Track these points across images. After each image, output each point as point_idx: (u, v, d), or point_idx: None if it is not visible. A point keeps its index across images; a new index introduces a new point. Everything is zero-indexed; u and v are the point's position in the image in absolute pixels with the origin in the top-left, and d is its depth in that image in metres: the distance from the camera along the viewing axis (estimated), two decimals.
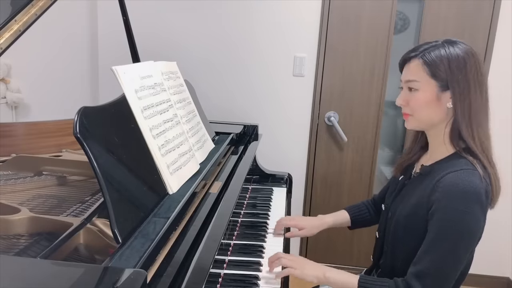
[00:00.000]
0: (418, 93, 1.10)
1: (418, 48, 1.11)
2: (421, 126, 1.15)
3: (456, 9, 2.33)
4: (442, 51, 1.07)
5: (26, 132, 1.45)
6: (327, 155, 2.56)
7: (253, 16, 2.42)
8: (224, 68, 2.49)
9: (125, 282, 0.62)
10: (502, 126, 2.37)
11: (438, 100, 1.08)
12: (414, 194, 1.13)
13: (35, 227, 0.97)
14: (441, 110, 1.09)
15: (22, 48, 1.38)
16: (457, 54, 1.06)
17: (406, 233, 1.12)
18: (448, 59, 1.06)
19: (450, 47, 1.08)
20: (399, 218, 1.15)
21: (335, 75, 2.45)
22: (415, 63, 1.10)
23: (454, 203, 1.00)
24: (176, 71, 1.39)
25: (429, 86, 1.08)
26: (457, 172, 1.03)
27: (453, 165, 1.06)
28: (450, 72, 1.06)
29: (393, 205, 1.21)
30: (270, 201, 1.78)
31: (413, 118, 1.13)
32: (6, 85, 1.86)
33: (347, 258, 2.65)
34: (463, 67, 1.05)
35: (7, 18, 1.16)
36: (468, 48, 1.09)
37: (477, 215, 1.01)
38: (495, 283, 2.57)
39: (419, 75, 1.09)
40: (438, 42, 1.11)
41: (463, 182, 1.01)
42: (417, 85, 1.09)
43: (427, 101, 1.09)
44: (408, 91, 1.12)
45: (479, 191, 1.00)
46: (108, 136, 0.90)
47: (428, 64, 1.07)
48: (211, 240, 0.97)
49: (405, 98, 1.13)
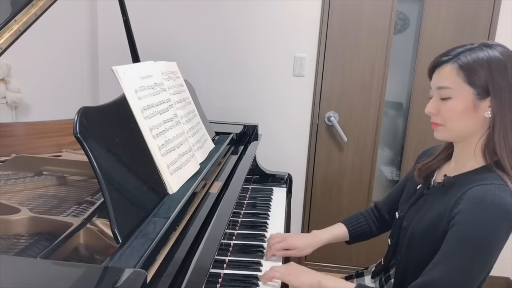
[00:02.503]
0: (451, 102, 1.00)
1: (451, 51, 1.01)
2: (452, 137, 1.06)
3: (456, 9, 2.33)
4: (480, 54, 0.97)
5: (26, 132, 1.45)
6: (327, 155, 2.56)
7: (253, 16, 2.42)
8: (224, 68, 2.50)
9: (125, 282, 0.62)
10: None
11: (475, 110, 0.98)
12: (434, 207, 1.05)
13: (35, 227, 0.96)
14: (477, 120, 0.99)
15: (22, 48, 1.38)
16: (498, 57, 0.96)
17: (422, 246, 1.04)
18: (489, 63, 0.96)
19: (489, 49, 0.97)
20: (416, 230, 1.07)
21: (335, 75, 2.45)
22: (449, 68, 1.00)
23: (478, 218, 0.92)
24: (176, 71, 1.39)
25: (465, 93, 0.98)
26: (487, 186, 0.94)
27: (483, 178, 0.97)
28: (491, 77, 0.95)
29: (409, 214, 1.13)
30: (270, 201, 1.78)
31: (444, 128, 1.03)
32: (6, 85, 1.86)
33: (346, 258, 2.66)
34: (505, 71, 0.96)
35: (7, 18, 1.16)
36: (507, 50, 0.98)
37: (502, 233, 0.92)
38: (495, 283, 2.57)
39: (453, 82, 0.99)
40: (474, 45, 1.01)
41: (492, 197, 0.92)
42: (450, 92, 0.99)
43: (462, 110, 0.99)
44: (439, 99, 1.02)
45: (509, 209, 0.91)
46: (108, 136, 0.90)
47: (464, 68, 0.97)
48: (211, 240, 0.96)
49: (436, 106, 1.03)
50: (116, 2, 1.71)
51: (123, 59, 1.69)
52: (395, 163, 2.67)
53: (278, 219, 1.63)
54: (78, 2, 2.33)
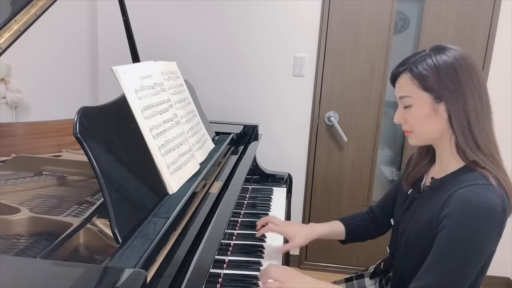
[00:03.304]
0: (413, 109, 1.04)
1: (406, 61, 1.06)
2: (424, 141, 1.10)
3: (456, 9, 2.33)
4: (429, 61, 1.01)
5: (26, 132, 1.45)
6: (327, 155, 2.56)
7: (253, 16, 2.42)
8: (224, 68, 2.50)
9: (125, 282, 0.62)
10: (502, 127, 2.37)
11: (436, 113, 1.02)
12: (425, 211, 1.06)
13: (35, 227, 0.96)
14: (440, 123, 1.03)
15: (22, 48, 1.38)
16: (445, 62, 1.00)
17: (418, 250, 1.05)
18: (437, 67, 1.00)
19: (437, 55, 1.01)
20: (411, 235, 1.08)
21: (335, 75, 2.45)
22: (404, 77, 1.04)
23: (465, 221, 0.93)
24: (176, 71, 1.39)
25: (423, 99, 1.02)
26: (471, 187, 0.95)
27: (466, 179, 0.98)
28: (440, 81, 0.99)
29: (403, 220, 1.14)
30: (270, 201, 1.78)
31: (414, 134, 1.08)
32: (6, 85, 1.86)
33: (346, 258, 2.66)
34: (454, 74, 0.99)
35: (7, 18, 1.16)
36: (458, 53, 1.02)
37: (490, 234, 0.94)
38: (495, 283, 2.57)
39: (410, 90, 1.03)
40: (425, 51, 1.05)
41: (477, 198, 0.93)
42: (410, 100, 1.04)
43: (424, 115, 1.03)
44: (403, 108, 1.07)
45: (494, 208, 0.92)
46: (108, 136, 0.90)
47: (417, 76, 1.02)
48: (211, 240, 0.96)
49: (402, 115, 1.08)
50: (116, 2, 1.72)
51: (123, 59, 1.69)
52: (395, 163, 2.67)
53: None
54: (78, 2, 2.33)
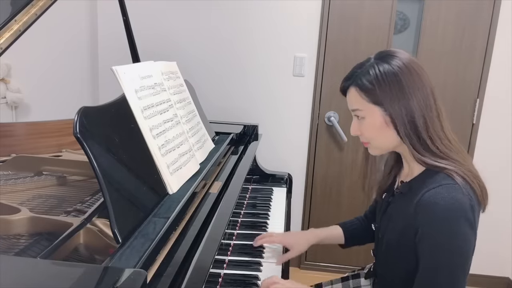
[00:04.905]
0: (366, 121, 1.02)
1: (351, 74, 1.04)
2: (383, 151, 1.09)
3: (456, 9, 2.33)
4: (372, 72, 0.99)
5: (26, 132, 1.45)
6: (327, 155, 2.56)
7: (253, 16, 2.42)
8: (224, 68, 2.49)
9: (125, 282, 0.62)
10: (502, 126, 2.37)
11: (387, 124, 1.00)
12: (399, 217, 1.05)
13: (35, 227, 0.97)
14: (394, 133, 1.00)
15: (22, 48, 1.38)
16: (388, 71, 0.98)
17: (398, 258, 1.06)
18: (380, 79, 0.98)
19: (380, 65, 0.99)
20: (390, 241, 1.08)
21: (335, 75, 2.45)
22: (353, 91, 1.03)
23: (438, 226, 0.92)
24: (176, 71, 1.39)
25: (374, 112, 1.00)
26: (436, 189, 0.94)
27: (432, 181, 0.97)
28: (384, 93, 0.98)
29: (382, 225, 1.14)
30: (270, 201, 1.78)
31: (371, 145, 1.07)
32: (6, 85, 1.86)
33: (347, 258, 2.65)
34: (397, 84, 0.97)
35: (7, 18, 1.16)
36: (400, 59, 0.99)
37: (465, 233, 0.92)
38: (495, 283, 2.57)
39: (360, 103, 1.02)
40: (370, 60, 1.03)
41: (444, 200, 0.92)
42: (362, 113, 1.02)
43: (378, 127, 1.01)
44: (357, 120, 1.06)
45: (462, 206, 0.92)
46: (108, 136, 0.90)
47: (363, 90, 1.00)
48: (211, 240, 0.96)
49: (357, 127, 1.06)
50: (116, 2, 1.72)
51: (123, 59, 1.69)
52: None
53: (278, 219, 1.63)
54: (78, 2, 2.33)
